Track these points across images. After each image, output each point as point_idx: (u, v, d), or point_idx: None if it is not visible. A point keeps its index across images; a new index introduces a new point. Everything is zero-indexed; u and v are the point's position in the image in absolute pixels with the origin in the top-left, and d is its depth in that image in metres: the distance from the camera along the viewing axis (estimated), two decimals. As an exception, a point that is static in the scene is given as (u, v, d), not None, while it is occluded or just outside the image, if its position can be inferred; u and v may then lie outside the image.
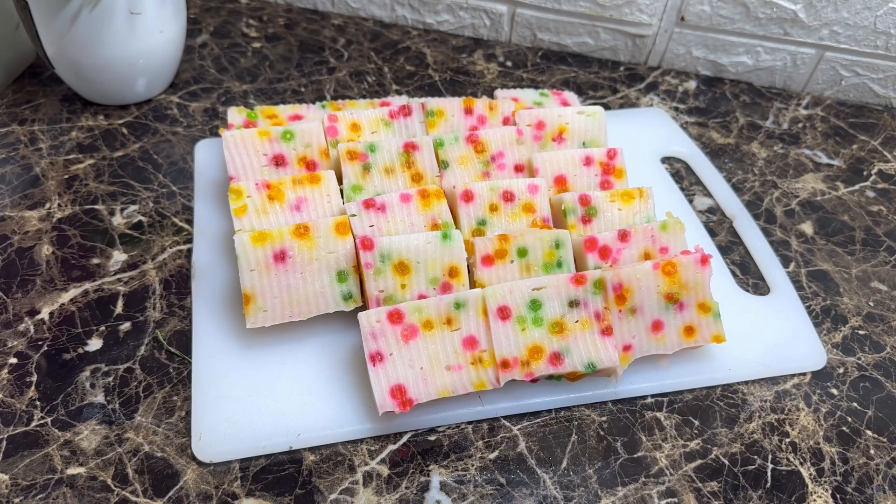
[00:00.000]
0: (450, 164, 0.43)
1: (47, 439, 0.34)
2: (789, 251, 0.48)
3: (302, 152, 0.42)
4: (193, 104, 0.56)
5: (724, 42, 0.62)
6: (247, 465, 0.34)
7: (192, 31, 0.63)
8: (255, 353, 0.38)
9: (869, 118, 0.61)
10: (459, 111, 0.46)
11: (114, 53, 0.50)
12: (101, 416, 0.35)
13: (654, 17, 0.62)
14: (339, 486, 0.34)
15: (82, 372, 0.37)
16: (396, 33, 0.66)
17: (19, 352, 0.38)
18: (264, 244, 0.37)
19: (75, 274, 0.42)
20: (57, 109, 0.54)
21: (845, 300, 0.45)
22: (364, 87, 0.60)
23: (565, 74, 0.63)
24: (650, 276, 0.37)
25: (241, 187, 0.39)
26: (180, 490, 0.33)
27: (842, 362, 0.41)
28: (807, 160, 0.56)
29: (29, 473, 0.33)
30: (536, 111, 0.46)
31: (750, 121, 0.59)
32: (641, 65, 0.65)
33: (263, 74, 0.60)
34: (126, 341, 0.39)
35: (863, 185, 0.54)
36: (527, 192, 0.41)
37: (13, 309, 0.40)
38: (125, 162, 0.50)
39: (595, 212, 0.41)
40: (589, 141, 0.46)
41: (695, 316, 0.38)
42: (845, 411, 0.39)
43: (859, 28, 0.58)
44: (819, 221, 0.51)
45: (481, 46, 0.66)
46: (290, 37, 0.65)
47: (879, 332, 0.43)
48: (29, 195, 0.47)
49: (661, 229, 0.40)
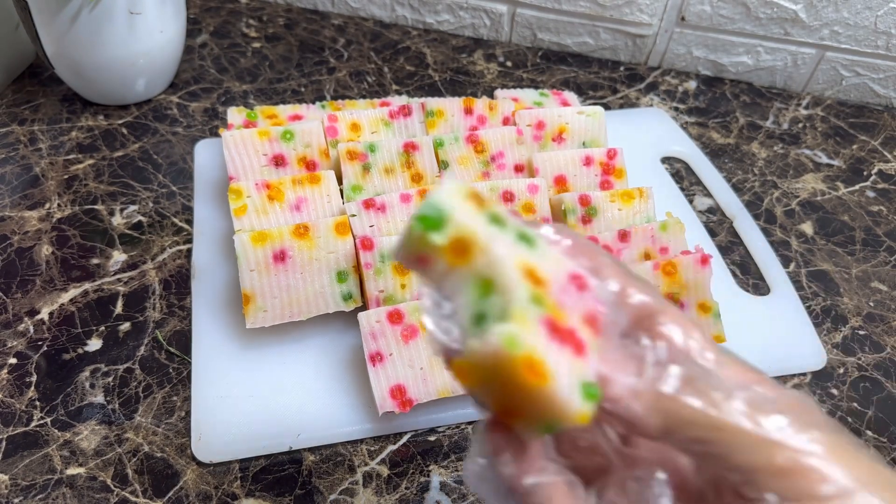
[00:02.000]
0: (450, 165, 0.43)
1: (47, 439, 0.34)
2: (789, 251, 0.48)
3: (302, 152, 0.42)
4: (193, 104, 0.56)
5: (725, 42, 0.62)
6: (247, 466, 0.34)
7: (192, 31, 0.63)
8: (255, 353, 0.38)
9: (869, 118, 0.61)
10: (459, 111, 0.45)
11: (114, 53, 0.50)
12: (101, 417, 0.35)
13: (654, 16, 0.62)
14: (339, 487, 0.34)
15: (82, 372, 0.37)
16: (396, 33, 0.66)
17: (19, 352, 0.38)
18: (264, 244, 0.37)
19: (75, 274, 0.42)
20: (57, 109, 0.54)
21: (845, 300, 0.45)
22: (364, 87, 0.59)
23: (565, 74, 0.63)
24: (650, 276, 0.37)
25: (241, 187, 0.39)
26: (180, 490, 0.33)
27: (842, 362, 0.41)
28: (807, 160, 0.56)
29: (29, 473, 0.33)
30: (536, 111, 0.46)
31: (750, 121, 0.59)
32: (641, 65, 0.65)
33: (263, 74, 0.60)
34: (126, 341, 0.39)
35: (863, 185, 0.54)
36: (527, 192, 0.41)
37: (13, 309, 0.40)
38: (125, 162, 0.50)
39: (595, 212, 0.41)
40: (589, 141, 0.46)
41: (695, 316, 0.38)
42: (845, 412, 0.39)
43: (860, 28, 0.58)
44: (819, 221, 0.51)
45: (481, 46, 0.66)
46: (290, 37, 0.65)
47: (879, 333, 0.43)
48: (29, 195, 0.47)
49: (661, 229, 0.40)
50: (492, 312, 0.17)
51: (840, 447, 0.17)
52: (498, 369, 0.16)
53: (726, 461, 0.17)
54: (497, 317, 0.17)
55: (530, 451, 0.18)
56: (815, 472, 0.17)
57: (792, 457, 0.17)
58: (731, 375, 0.19)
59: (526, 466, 0.18)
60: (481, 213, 0.18)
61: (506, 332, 0.16)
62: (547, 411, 0.17)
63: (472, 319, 0.18)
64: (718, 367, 0.19)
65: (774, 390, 0.19)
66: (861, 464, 0.17)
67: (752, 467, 0.17)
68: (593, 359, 0.18)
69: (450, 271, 0.18)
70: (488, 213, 0.19)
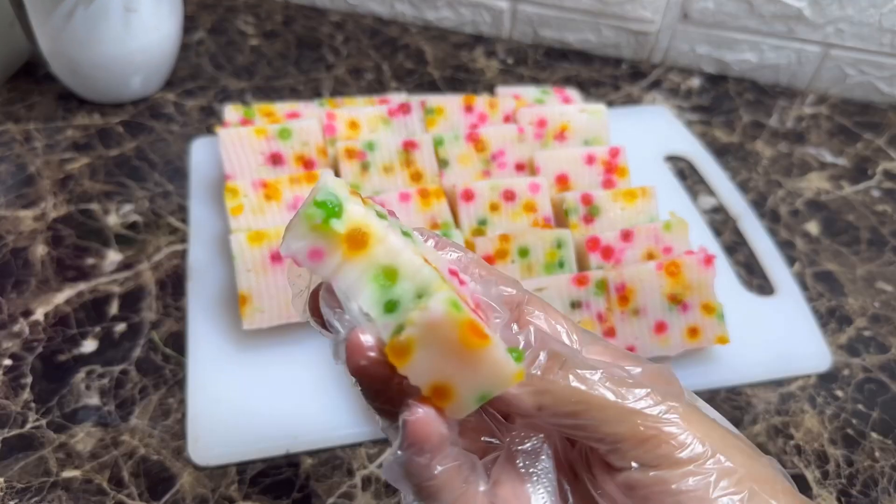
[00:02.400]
0: (450, 163, 0.42)
1: (42, 442, 0.34)
2: (794, 251, 0.47)
3: (299, 151, 0.42)
4: (190, 102, 0.55)
5: (728, 39, 0.61)
6: (244, 469, 0.34)
7: (189, 28, 0.63)
8: (252, 354, 0.38)
9: (874, 117, 0.60)
10: (459, 109, 0.45)
11: (109, 51, 0.49)
12: (97, 419, 0.35)
13: (657, 13, 0.61)
14: (337, 490, 0.33)
15: (77, 373, 0.37)
16: (395, 30, 0.66)
17: (14, 353, 0.38)
18: (261, 244, 0.36)
19: (70, 274, 0.42)
20: (52, 108, 0.54)
21: (850, 301, 0.44)
22: (363, 84, 0.59)
23: (567, 72, 0.62)
24: (653, 276, 0.36)
25: (238, 186, 0.39)
26: (176, 493, 0.33)
27: (847, 364, 0.41)
28: (811, 159, 0.55)
29: (24, 476, 0.33)
30: (538, 109, 0.45)
31: (754, 119, 0.59)
32: (644, 62, 0.64)
33: (260, 72, 0.59)
34: (121, 343, 0.38)
35: (868, 184, 0.54)
36: (528, 192, 0.40)
37: (8, 310, 0.40)
38: (121, 161, 0.50)
39: (597, 211, 0.40)
40: (591, 139, 0.46)
41: (699, 317, 0.37)
42: (850, 413, 0.38)
43: (864, 26, 0.57)
44: (824, 221, 0.50)
45: (482, 43, 0.65)
46: (288, 33, 0.64)
47: (885, 334, 0.43)
48: (24, 194, 0.47)
49: (664, 229, 0.39)
50: (406, 297, 0.18)
51: (695, 416, 0.19)
52: (442, 335, 0.17)
53: (594, 433, 0.19)
54: (414, 297, 0.18)
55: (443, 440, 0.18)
56: (673, 438, 0.18)
57: (652, 426, 0.18)
58: (596, 354, 0.21)
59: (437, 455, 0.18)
60: (368, 207, 0.19)
61: (446, 297, 0.17)
62: (488, 373, 0.18)
63: (383, 309, 0.18)
64: (584, 348, 0.21)
65: (638, 365, 0.21)
66: (714, 431, 0.19)
67: (616, 437, 0.18)
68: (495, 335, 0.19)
69: (344, 264, 0.18)
70: (373, 209, 0.19)
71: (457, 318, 0.17)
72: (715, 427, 0.19)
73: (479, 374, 0.18)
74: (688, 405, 0.19)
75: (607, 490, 0.19)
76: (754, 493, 0.18)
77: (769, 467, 0.19)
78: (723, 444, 0.19)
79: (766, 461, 0.19)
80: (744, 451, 0.19)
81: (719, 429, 0.19)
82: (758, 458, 0.19)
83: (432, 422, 0.18)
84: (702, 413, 0.20)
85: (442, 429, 0.18)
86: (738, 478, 0.18)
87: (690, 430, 0.18)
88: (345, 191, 0.19)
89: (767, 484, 0.18)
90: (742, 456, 0.19)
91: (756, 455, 0.19)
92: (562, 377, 0.19)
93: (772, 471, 0.19)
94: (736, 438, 0.19)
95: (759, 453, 0.20)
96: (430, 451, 0.18)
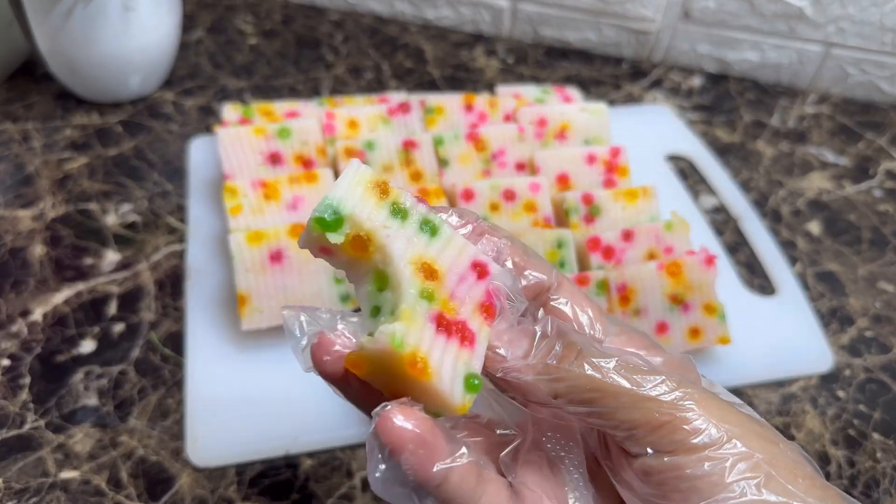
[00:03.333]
0: (450, 163, 0.42)
1: (40, 442, 0.34)
2: (795, 251, 0.47)
3: (298, 150, 0.42)
4: (188, 101, 0.55)
5: (729, 38, 0.61)
6: (243, 470, 0.34)
7: (188, 27, 0.63)
8: (251, 355, 0.37)
9: (875, 116, 0.60)
10: (459, 108, 0.45)
11: (108, 50, 0.49)
12: (95, 419, 0.35)
13: (657, 12, 0.61)
14: (336, 492, 0.33)
15: (76, 374, 0.37)
16: (395, 29, 0.66)
17: (12, 353, 0.37)
18: (260, 244, 0.36)
19: (69, 274, 0.42)
20: (50, 107, 0.53)
21: (852, 301, 0.44)
22: (362, 83, 0.59)
23: (567, 71, 0.62)
24: (655, 276, 0.36)
25: (237, 186, 0.39)
26: (175, 494, 0.32)
27: (848, 364, 0.40)
28: (813, 159, 0.55)
29: (22, 477, 0.33)
30: (538, 108, 0.45)
31: (755, 118, 0.59)
32: (645, 61, 0.64)
33: (260, 71, 0.59)
34: (120, 343, 0.38)
35: (869, 184, 0.53)
36: (528, 191, 0.40)
37: (6, 310, 0.39)
38: (119, 160, 0.50)
39: (598, 211, 0.40)
40: (592, 138, 0.46)
41: (700, 317, 0.37)
42: (852, 414, 0.38)
43: (866, 25, 0.57)
44: (825, 221, 0.50)
45: (482, 42, 0.65)
46: (287, 32, 0.64)
47: (886, 334, 0.42)
48: (22, 194, 0.46)
49: (665, 229, 0.39)
50: (385, 308, 0.19)
51: (713, 402, 0.19)
52: (386, 365, 0.18)
53: (609, 420, 0.19)
54: (389, 312, 0.19)
55: (430, 439, 0.18)
56: (688, 424, 0.18)
57: (667, 412, 0.18)
58: (621, 343, 0.21)
59: (430, 454, 0.18)
60: (383, 204, 0.20)
61: (392, 331, 0.18)
62: (434, 401, 0.18)
63: (369, 311, 0.20)
64: (608, 337, 0.22)
65: (660, 355, 0.21)
66: (731, 416, 0.19)
67: (631, 424, 0.18)
68: (482, 347, 0.19)
69: (352, 261, 0.20)
70: (391, 204, 0.20)
71: (396, 355, 0.18)
72: (733, 412, 0.19)
73: (425, 399, 0.18)
74: (705, 391, 0.19)
75: (625, 477, 0.19)
76: (771, 478, 0.18)
77: (790, 452, 0.19)
78: (741, 429, 0.18)
79: (787, 446, 0.19)
80: (762, 436, 0.19)
81: (738, 414, 0.19)
82: (778, 443, 0.19)
83: (400, 416, 0.17)
84: (720, 399, 0.19)
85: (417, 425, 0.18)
86: (754, 462, 0.18)
87: (706, 416, 0.18)
88: (358, 188, 0.19)
89: (786, 468, 0.18)
90: (760, 441, 0.18)
91: (777, 440, 0.19)
92: (577, 365, 0.19)
93: (793, 455, 0.19)
94: (756, 424, 0.19)
95: (780, 438, 0.19)
96: (414, 450, 0.17)
